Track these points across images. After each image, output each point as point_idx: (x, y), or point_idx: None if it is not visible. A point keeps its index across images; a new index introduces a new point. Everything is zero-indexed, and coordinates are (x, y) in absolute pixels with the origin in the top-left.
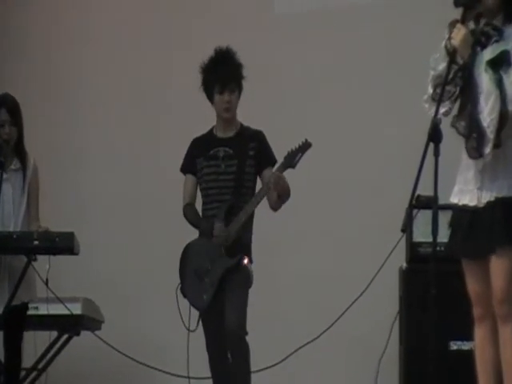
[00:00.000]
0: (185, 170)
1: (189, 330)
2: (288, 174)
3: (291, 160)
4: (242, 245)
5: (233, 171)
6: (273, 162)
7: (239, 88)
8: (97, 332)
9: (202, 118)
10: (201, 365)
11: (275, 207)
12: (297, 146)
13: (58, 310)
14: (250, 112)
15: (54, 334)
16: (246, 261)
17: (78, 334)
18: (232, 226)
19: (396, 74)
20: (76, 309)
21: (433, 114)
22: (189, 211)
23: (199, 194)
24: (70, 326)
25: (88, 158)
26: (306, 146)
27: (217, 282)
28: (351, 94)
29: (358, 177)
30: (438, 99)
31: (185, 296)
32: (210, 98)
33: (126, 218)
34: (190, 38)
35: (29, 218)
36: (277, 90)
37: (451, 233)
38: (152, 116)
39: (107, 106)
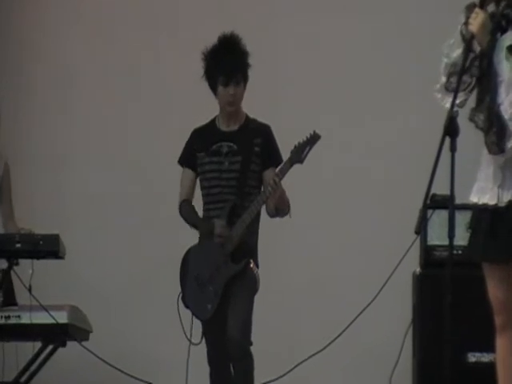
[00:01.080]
0: (183, 162)
1: (191, 342)
2: (296, 172)
3: (299, 155)
4: (247, 248)
5: (236, 169)
6: (277, 161)
7: (245, 79)
8: (84, 343)
9: (199, 111)
10: (200, 379)
11: (271, 215)
12: (304, 139)
13: (42, 318)
14: (250, 103)
15: (38, 344)
16: (251, 265)
17: (63, 345)
18: (235, 228)
19: (409, 61)
20: (61, 317)
21: (445, 105)
22: (186, 209)
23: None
24: (55, 336)
25: (73, 155)
26: (314, 139)
27: (221, 290)
28: (363, 86)
29: (368, 175)
30: (454, 90)
31: (186, 306)
32: (214, 89)
33: (116, 219)
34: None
35: (3, 217)
36: (280, 78)
37: (471, 235)
38: (140, 113)
39: (93, 103)
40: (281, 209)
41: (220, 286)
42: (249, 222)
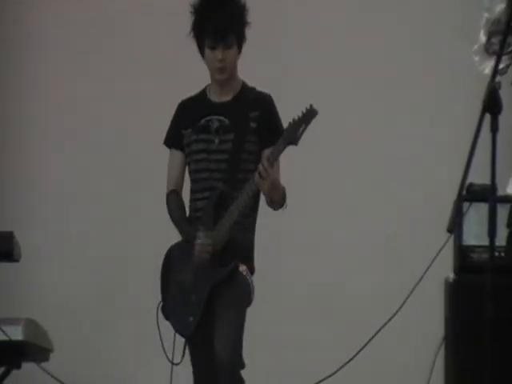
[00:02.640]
0: (168, 143)
1: (172, 362)
2: (307, 164)
3: (293, 134)
4: (238, 249)
5: (228, 149)
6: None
7: (239, 40)
8: (43, 364)
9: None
10: None
11: (270, 206)
12: (300, 115)
13: None
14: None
15: None
16: (242, 268)
17: (18, 367)
18: (221, 223)
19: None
20: (16, 333)
21: (484, 71)
22: (172, 204)
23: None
24: (7, 356)
25: (33, 135)
26: (310, 115)
27: (204, 299)
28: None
29: (390, 162)
30: (496, 53)
31: (167, 318)
32: (201, 51)
33: (82, 214)
34: None
35: None
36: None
37: (509, 234)
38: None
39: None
40: (274, 200)
41: (204, 295)
42: (236, 215)
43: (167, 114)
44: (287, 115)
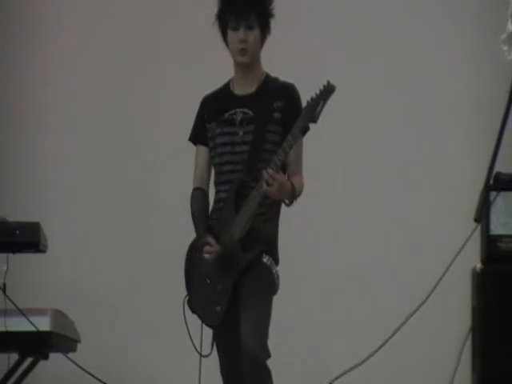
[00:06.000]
0: (194, 138)
1: (201, 354)
2: (332, 154)
3: (311, 112)
4: (260, 237)
5: (250, 140)
6: (304, 130)
7: (263, 25)
8: (70, 354)
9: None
10: None
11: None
12: (317, 93)
13: (19, 325)
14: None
15: (15, 357)
16: (266, 259)
17: (45, 358)
18: (242, 211)
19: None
20: (43, 324)
21: None
22: (194, 202)
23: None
24: (35, 346)
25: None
26: (328, 91)
27: (231, 286)
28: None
29: (415, 150)
30: None
31: (193, 311)
32: (224, 36)
33: (110, 205)
34: None
35: None
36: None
37: None
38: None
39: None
40: (283, 200)
41: (230, 283)
42: (257, 202)
43: (188, 108)
44: None
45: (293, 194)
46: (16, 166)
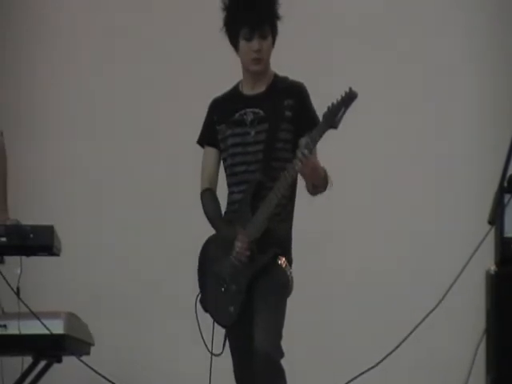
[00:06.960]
0: (203, 141)
1: (212, 353)
2: (346, 154)
3: (332, 118)
4: (276, 239)
5: (263, 139)
6: (314, 127)
7: (274, 31)
8: (84, 357)
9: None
10: None
11: (311, 193)
12: (338, 99)
13: (32, 328)
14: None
15: (28, 360)
16: (281, 261)
17: (59, 361)
18: (259, 212)
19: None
20: (57, 327)
21: None
22: (207, 204)
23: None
24: (48, 349)
25: (70, 127)
26: (350, 98)
27: (245, 287)
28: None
29: (429, 151)
30: None
31: (205, 309)
32: (234, 44)
33: (122, 207)
34: None
35: None
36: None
37: None
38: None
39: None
40: (316, 184)
41: (244, 283)
42: (275, 203)
43: (188, 108)
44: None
45: (326, 180)
46: (27, 168)
